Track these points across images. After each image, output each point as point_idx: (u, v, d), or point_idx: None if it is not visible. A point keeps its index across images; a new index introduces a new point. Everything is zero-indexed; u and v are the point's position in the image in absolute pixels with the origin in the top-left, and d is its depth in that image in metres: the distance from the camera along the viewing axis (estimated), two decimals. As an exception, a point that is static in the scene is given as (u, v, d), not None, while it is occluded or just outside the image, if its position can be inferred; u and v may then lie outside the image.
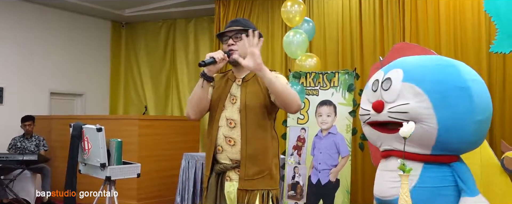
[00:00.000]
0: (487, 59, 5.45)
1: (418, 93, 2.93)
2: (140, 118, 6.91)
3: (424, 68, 3.14)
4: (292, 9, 5.39)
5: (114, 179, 4.21)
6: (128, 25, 9.79)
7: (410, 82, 2.99)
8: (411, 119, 2.87)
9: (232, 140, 2.46)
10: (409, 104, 2.92)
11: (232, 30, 2.55)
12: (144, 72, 9.54)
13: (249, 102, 2.47)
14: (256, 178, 2.43)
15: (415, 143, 2.92)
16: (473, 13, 5.58)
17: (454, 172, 2.96)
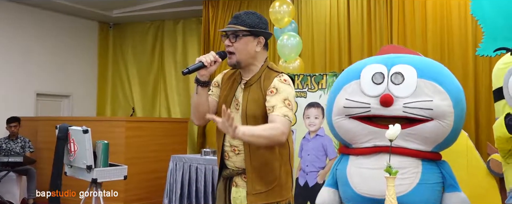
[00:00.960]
0: (473, 62, 5.49)
1: (440, 91, 2.92)
2: (128, 119, 6.88)
3: (436, 68, 3.15)
4: (280, 9, 5.40)
5: (101, 181, 4.17)
6: (115, 26, 9.73)
7: (429, 80, 2.98)
8: (434, 116, 2.89)
9: (237, 149, 2.34)
10: (433, 101, 2.91)
11: (230, 30, 2.33)
12: (132, 73, 9.49)
13: (249, 111, 2.30)
14: (264, 192, 2.29)
15: (424, 139, 2.91)
16: (460, 16, 5.62)
17: (442, 169, 3.00)
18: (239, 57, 2.33)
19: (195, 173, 5.79)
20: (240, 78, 2.42)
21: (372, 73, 3.01)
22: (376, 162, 2.93)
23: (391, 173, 1.97)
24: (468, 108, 5.39)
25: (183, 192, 5.88)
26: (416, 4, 5.93)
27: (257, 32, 2.34)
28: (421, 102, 2.88)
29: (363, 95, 2.97)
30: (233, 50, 2.32)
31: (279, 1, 5.47)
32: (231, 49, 2.32)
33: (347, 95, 3.02)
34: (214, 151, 6.10)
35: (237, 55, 2.32)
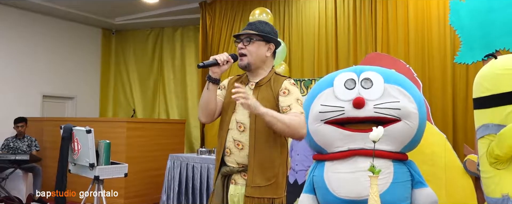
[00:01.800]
0: (451, 69, 5.53)
1: (405, 94, 2.98)
2: (128, 120, 6.85)
3: (400, 76, 3.23)
4: (260, 17, 5.41)
5: (103, 179, 4.16)
6: (118, 32, 9.72)
7: (394, 84, 3.04)
8: (401, 115, 2.92)
9: (241, 143, 2.31)
10: (400, 102, 2.95)
11: (244, 34, 2.36)
12: (133, 77, 9.48)
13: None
14: (263, 186, 2.27)
15: (393, 140, 2.94)
16: (439, 26, 5.66)
17: (410, 168, 3.03)
18: (250, 59, 2.34)
19: (192, 171, 5.78)
20: (247, 81, 2.42)
21: (344, 80, 3.06)
22: (352, 165, 2.95)
23: (374, 172, 1.98)
24: (446, 111, 5.47)
25: (181, 189, 5.87)
26: (399, 14, 5.97)
27: (269, 38, 2.38)
28: (390, 103, 2.93)
29: (337, 100, 3.02)
30: (246, 52, 2.34)
31: (260, 9, 5.48)
32: (244, 51, 2.34)
33: (321, 101, 3.06)
34: (209, 151, 6.10)
35: (248, 57, 2.34)
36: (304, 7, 6.83)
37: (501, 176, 2.87)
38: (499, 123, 2.87)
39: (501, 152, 2.77)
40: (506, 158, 2.82)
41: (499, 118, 2.87)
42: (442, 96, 5.53)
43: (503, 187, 2.85)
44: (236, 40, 2.40)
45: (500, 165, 2.85)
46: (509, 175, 2.84)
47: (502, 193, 2.82)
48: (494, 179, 2.92)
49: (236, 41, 2.41)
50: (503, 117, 2.84)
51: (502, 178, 2.86)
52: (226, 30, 7.57)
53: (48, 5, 7.86)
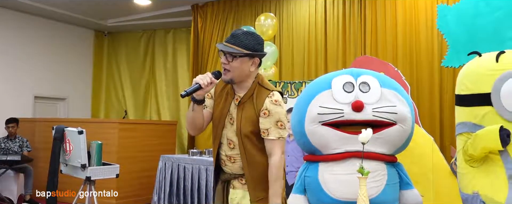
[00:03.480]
0: (439, 72, 5.57)
1: (400, 99, 3.02)
2: (120, 121, 6.82)
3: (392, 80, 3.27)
4: (265, 23, 5.43)
5: (94, 179, 4.14)
6: (110, 34, 9.67)
7: (390, 89, 3.07)
8: (398, 119, 2.95)
9: (232, 158, 2.36)
10: (396, 106, 2.99)
11: (223, 50, 2.27)
12: (125, 79, 9.43)
13: (244, 129, 2.30)
14: (266, 197, 2.32)
15: (388, 143, 2.95)
16: (427, 30, 5.70)
17: (399, 170, 3.07)
18: (233, 75, 2.28)
19: (183, 172, 5.76)
20: (233, 93, 2.39)
21: (342, 83, 3.07)
22: (349, 167, 2.98)
23: (363, 173, 1.99)
24: (434, 113, 5.51)
25: (172, 190, 5.85)
26: (388, 18, 6.01)
27: (253, 54, 2.30)
28: (387, 107, 2.96)
29: (336, 103, 3.02)
30: (229, 68, 2.27)
31: (264, 15, 5.51)
32: (227, 67, 2.27)
33: (320, 103, 3.07)
34: (201, 152, 6.08)
35: (231, 73, 2.28)
36: (294, 11, 6.85)
37: (474, 173, 2.92)
38: (477, 123, 2.91)
39: (475, 152, 2.83)
40: (479, 158, 2.88)
41: (476, 117, 2.91)
42: (430, 99, 5.57)
43: (474, 184, 2.91)
44: (221, 50, 2.30)
45: (474, 163, 2.91)
46: (481, 173, 2.89)
47: (473, 190, 2.87)
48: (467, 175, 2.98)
49: (220, 52, 2.31)
50: (480, 117, 2.89)
51: (475, 175, 2.92)
52: (217, 33, 7.56)
53: (41, 6, 7.80)
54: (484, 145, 2.79)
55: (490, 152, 2.86)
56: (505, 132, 2.73)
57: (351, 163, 2.97)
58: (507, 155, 2.82)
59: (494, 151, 2.84)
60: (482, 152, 2.84)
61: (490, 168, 2.89)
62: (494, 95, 2.84)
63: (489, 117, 2.86)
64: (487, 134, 2.79)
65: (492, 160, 2.89)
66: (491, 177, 2.87)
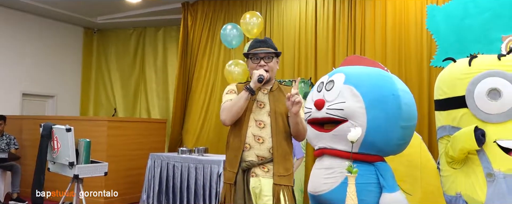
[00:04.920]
0: (427, 72, 5.60)
1: (355, 94, 3.05)
2: (109, 119, 6.77)
3: (363, 74, 3.27)
4: (250, 21, 5.41)
5: (82, 177, 4.10)
6: (99, 31, 9.60)
7: (350, 85, 3.11)
8: (346, 116, 2.98)
9: (261, 138, 2.55)
10: (345, 103, 3.04)
11: (263, 52, 2.63)
12: (114, 76, 9.37)
13: (278, 109, 2.59)
14: (285, 176, 2.53)
15: (344, 140, 2.98)
16: (416, 30, 5.73)
17: (377, 170, 3.07)
18: (271, 75, 2.66)
19: (172, 170, 5.74)
20: (259, 88, 2.68)
21: (318, 83, 3.29)
22: (319, 162, 3.13)
23: (352, 172, 1.99)
24: (422, 112, 5.54)
25: (161, 188, 5.82)
26: (377, 18, 6.03)
27: (279, 54, 2.72)
28: (337, 104, 3.02)
29: (310, 102, 3.25)
30: (268, 68, 2.63)
31: (250, 13, 5.49)
32: (266, 68, 2.63)
33: (306, 103, 3.34)
34: (190, 150, 6.06)
35: (270, 72, 2.64)
36: (285, 10, 6.85)
37: (456, 175, 2.97)
38: (455, 125, 2.97)
39: (454, 154, 2.89)
40: (459, 159, 2.93)
41: (454, 120, 2.97)
42: (419, 99, 5.60)
43: (457, 185, 2.96)
44: (254, 57, 2.65)
45: (456, 164, 2.96)
46: (462, 174, 2.95)
47: (456, 191, 2.93)
48: (450, 177, 3.03)
49: (252, 58, 2.65)
50: (458, 120, 2.95)
51: (457, 177, 2.97)
52: (207, 31, 7.54)
53: (29, 2, 7.71)
54: (462, 145, 2.85)
55: (469, 153, 2.92)
56: (479, 131, 2.80)
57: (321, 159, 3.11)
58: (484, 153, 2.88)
59: (472, 152, 2.90)
60: (461, 153, 2.89)
61: (469, 169, 2.95)
62: (468, 98, 2.91)
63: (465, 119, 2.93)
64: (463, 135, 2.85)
65: (472, 161, 2.94)
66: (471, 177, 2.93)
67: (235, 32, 5.38)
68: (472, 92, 2.91)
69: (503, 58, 2.99)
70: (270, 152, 2.54)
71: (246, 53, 2.70)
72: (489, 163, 2.86)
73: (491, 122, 2.88)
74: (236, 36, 5.40)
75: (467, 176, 2.95)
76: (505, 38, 4.43)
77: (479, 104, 2.89)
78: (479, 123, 2.89)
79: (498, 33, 4.49)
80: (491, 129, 2.87)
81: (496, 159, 2.85)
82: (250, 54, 2.67)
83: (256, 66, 2.63)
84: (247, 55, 2.70)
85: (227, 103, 2.62)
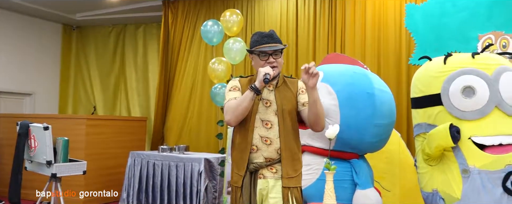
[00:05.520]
0: (406, 70, 5.68)
1: (330, 92, 3.09)
2: (89, 117, 6.70)
3: (340, 73, 3.31)
4: (230, 19, 5.41)
5: (60, 176, 4.06)
6: (78, 28, 9.48)
7: (326, 83, 3.14)
8: None
9: (269, 139, 2.47)
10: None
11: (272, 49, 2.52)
12: (94, 74, 9.26)
13: (285, 106, 2.50)
14: (294, 177, 2.46)
15: (322, 138, 3.02)
16: (395, 29, 5.81)
17: (352, 168, 3.11)
18: (280, 69, 2.56)
19: (153, 169, 5.72)
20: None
21: None
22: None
23: (330, 169, 2.01)
24: (401, 110, 5.61)
25: (141, 187, 5.79)
26: (357, 17, 6.09)
27: (285, 47, 2.61)
28: None
29: None
30: (277, 64, 2.53)
31: (230, 11, 5.49)
32: (275, 64, 2.52)
33: None
34: (171, 148, 6.04)
35: (279, 67, 2.54)
36: (266, 8, 6.87)
37: (433, 172, 3.03)
38: (431, 123, 3.03)
39: (430, 151, 2.94)
40: (435, 156, 2.99)
41: (430, 118, 3.03)
42: (397, 96, 5.67)
43: (433, 182, 3.02)
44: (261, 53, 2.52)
45: (432, 161, 3.02)
46: (439, 171, 3.02)
47: (432, 188, 2.99)
48: (426, 174, 3.09)
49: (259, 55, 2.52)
50: (433, 117, 3.01)
51: (434, 174, 3.03)
52: (188, 29, 7.51)
53: (6, -1, 7.59)
54: (438, 143, 2.91)
55: (445, 150, 2.98)
56: (454, 129, 2.86)
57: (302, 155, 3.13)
58: (459, 150, 2.94)
59: (448, 148, 2.96)
60: (437, 150, 2.95)
61: (445, 166, 3.01)
62: (443, 95, 2.97)
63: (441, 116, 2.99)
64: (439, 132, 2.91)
65: (447, 158, 3.01)
66: (447, 173, 2.99)
67: (216, 29, 5.37)
68: (447, 90, 2.97)
69: (477, 57, 3.06)
70: (278, 153, 2.47)
71: (252, 50, 2.57)
72: (464, 160, 2.92)
73: (466, 119, 2.94)
74: (217, 33, 5.39)
75: (443, 173, 3.01)
76: (481, 37, 4.51)
77: (454, 102, 2.94)
78: (454, 120, 2.95)
79: (475, 32, 4.57)
80: (466, 126, 2.93)
81: (471, 155, 2.91)
82: (257, 50, 2.53)
83: (264, 64, 2.51)
84: (253, 51, 2.56)
85: (231, 103, 2.49)
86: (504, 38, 4.36)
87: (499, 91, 2.94)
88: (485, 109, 2.92)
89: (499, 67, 3.02)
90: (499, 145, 2.92)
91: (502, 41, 4.37)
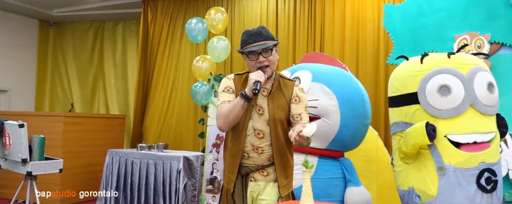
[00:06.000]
0: (384, 69, 5.75)
1: (327, 92, 3.10)
2: (66, 115, 6.60)
3: (331, 73, 3.34)
4: (215, 17, 5.39)
5: (36, 174, 3.99)
6: (56, 24, 9.31)
7: (319, 83, 3.15)
8: (319, 113, 3.02)
9: (260, 148, 2.42)
10: (318, 100, 3.06)
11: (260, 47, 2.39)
12: (71, 71, 9.10)
13: (278, 116, 2.40)
14: (286, 184, 2.43)
15: (318, 137, 3.04)
16: (374, 28, 5.88)
17: (342, 166, 3.16)
18: (273, 68, 2.44)
19: (131, 167, 5.66)
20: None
21: None
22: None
23: (307, 167, 2.02)
24: (379, 109, 5.68)
25: (119, 185, 5.74)
26: (336, 16, 6.14)
27: (277, 43, 2.48)
28: (309, 101, 3.07)
29: None
30: (268, 63, 2.41)
31: (214, 9, 5.48)
32: (266, 62, 2.40)
33: None
34: (150, 146, 6.00)
35: (271, 66, 2.43)
36: (246, 7, 6.87)
37: (409, 170, 3.09)
38: (408, 121, 3.08)
39: (407, 149, 2.99)
40: (412, 154, 3.04)
41: (407, 116, 3.08)
42: (375, 95, 5.74)
43: (410, 180, 3.08)
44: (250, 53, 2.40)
45: (408, 160, 3.07)
46: (415, 169, 3.07)
47: (409, 185, 3.04)
48: (403, 172, 3.14)
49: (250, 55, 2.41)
50: (410, 116, 3.06)
51: (410, 172, 3.08)
52: (168, 26, 7.46)
53: (-20, -7, 7.41)
54: (414, 141, 2.96)
55: (421, 148, 3.03)
56: (430, 127, 2.92)
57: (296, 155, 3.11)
58: (435, 148, 3.00)
59: (424, 146, 3.01)
60: (413, 148, 3.00)
61: (421, 163, 3.07)
62: (420, 94, 3.03)
63: (418, 114, 3.04)
64: (415, 130, 2.96)
65: (423, 155, 3.06)
66: (423, 171, 3.04)
67: (200, 27, 5.34)
68: (424, 89, 3.01)
69: (453, 57, 3.11)
70: (270, 160, 2.44)
71: (241, 51, 2.46)
72: (440, 157, 2.97)
73: (441, 117, 2.99)
74: (201, 30, 5.36)
75: (419, 171, 3.05)
76: (457, 37, 4.59)
77: (430, 100, 2.99)
78: (431, 119, 3.00)
79: (451, 32, 4.64)
80: (442, 124, 2.99)
81: (446, 153, 2.97)
82: (246, 51, 2.43)
83: (255, 63, 2.40)
84: (243, 52, 2.46)
85: (223, 108, 2.39)
86: (479, 38, 4.44)
87: (474, 91, 2.99)
88: (460, 107, 2.98)
89: (474, 67, 3.08)
90: (474, 143, 2.98)
91: (477, 42, 4.45)
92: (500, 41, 4.38)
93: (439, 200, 2.95)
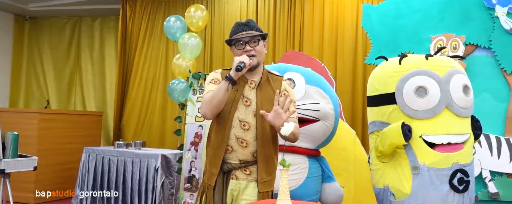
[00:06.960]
0: (362, 69, 5.81)
1: (325, 96, 3.16)
2: (41, 111, 6.47)
3: (318, 77, 3.40)
4: (195, 14, 5.37)
5: (9, 172, 3.91)
6: (31, 19, 9.11)
7: (315, 86, 3.18)
8: (320, 116, 3.06)
9: (245, 141, 2.36)
10: (319, 104, 3.11)
11: (247, 36, 2.40)
12: (47, 67, 8.93)
13: (265, 108, 2.32)
14: (268, 180, 2.39)
15: (311, 138, 3.09)
16: (352, 28, 5.93)
17: (322, 163, 3.22)
18: (259, 59, 2.43)
19: (108, 165, 5.60)
20: (246, 79, 2.44)
21: None
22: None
23: (284, 165, 2.03)
24: (356, 108, 5.74)
25: (95, 183, 5.66)
26: (315, 16, 6.17)
27: (265, 35, 2.49)
28: (310, 104, 3.10)
29: None
30: (255, 52, 2.40)
31: (194, 6, 5.45)
32: (253, 52, 2.40)
33: None
34: (127, 144, 5.93)
35: (258, 56, 2.42)
36: (226, 5, 6.86)
37: (385, 169, 3.14)
38: (385, 121, 3.13)
39: (383, 148, 3.04)
40: (388, 153, 3.09)
41: (384, 116, 3.13)
42: (353, 94, 5.80)
43: (385, 178, 3.13)
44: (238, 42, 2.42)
45: (384, 158, 3.12)
46: (391, 168, 3.13)
47: (384, 184, 3.09)
48: (379, 171, 3.19)
49: (237, 44, 2.42)
50: (387, 116, 3.11)
51: (386, 171, 3.14)
52: (147, 22, 7.39)
53: (-47, -14, 7.21)
54: (390, 141, 3.01)
55: (397, 147, 3.08)
56: (406, 127, 2.97)
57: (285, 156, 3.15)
58: (410, 148, 3.05)
59: (400, 146, 3.06)
60: (389, 148, 3.05)
61: (396, 162, 3.12)
62: (397, 94, 3.08)
63: (395, 114, 3.09)
64: (391, 130, 3.01)
65: (399, 155, 3.11)
66: (398, 170, 3.09)
67: (179, 24, 5.31)
68: (401, 90, 3.06)
69: (430, 58, 3.16)
70: (254, 156, 2.37)
71: (229, 40, 2.46)
72: (415, 157, 3.02)
73: (417, 118, 3.04)
74: (180, 28, 5.33)
75: (394, 169, 3.10)
76: (433, 38, 4.66)
77: (407, 101, 3.04)
78: (407, 119, 3.04)
79: (427, 33, 4.71)
80: (418, 124, 3.03)
81: (421, 153, 3.02)
82: (233, 40, 2.42)
83: (242, 52, 2.39)
84: (230, 42, 2.45)
85: (207, 95, 2.35)
86: (454, 40, 4.52)
87: (450, 93, 3.05)
88: (436, 108, 3.03)
89: (451, 69, 3.13)
90: (448, 143, 3.04)
91: (453, 43, 4.53)
92: (475, 43, 4.46)
93: (413, 198, 3.00)
